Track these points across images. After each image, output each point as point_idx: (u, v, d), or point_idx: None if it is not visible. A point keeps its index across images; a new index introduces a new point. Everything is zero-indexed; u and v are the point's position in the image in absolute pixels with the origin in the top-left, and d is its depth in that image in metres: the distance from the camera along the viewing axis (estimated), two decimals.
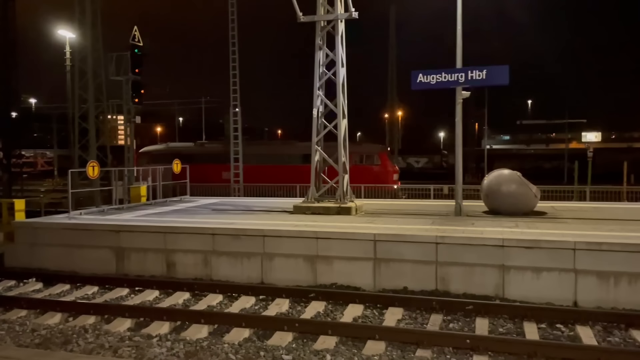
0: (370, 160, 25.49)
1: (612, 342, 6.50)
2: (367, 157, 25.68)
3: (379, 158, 25.93)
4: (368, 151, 26.16)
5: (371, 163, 25.33)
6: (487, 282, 8.34)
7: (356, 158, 25.12)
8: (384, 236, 8.97)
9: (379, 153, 26.33)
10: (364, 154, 25.84)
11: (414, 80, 11.45)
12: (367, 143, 35.63)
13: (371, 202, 14.90)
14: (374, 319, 7.47)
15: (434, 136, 73.62)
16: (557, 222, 10.34)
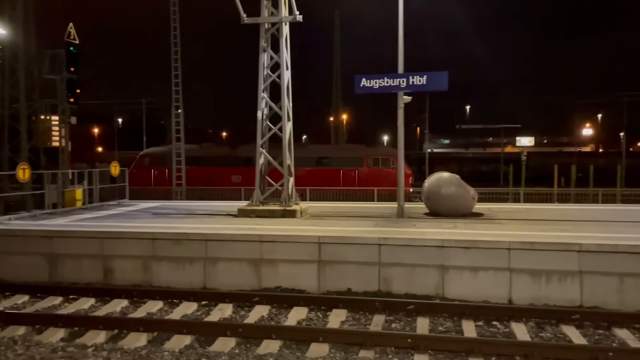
0: (386, 163, 25.17)
1: (544, 337, 6.81)
2: (383, 160, 25.33)
3: (395, 161, 25.14)
4: (384, 154, 25.98)
5: (387, 166, 25.00)
6: (427, 282, 8.55)
7: (374, 162, 25.32)
8: (329, 238, 9.02)
9: (394, 156, 26.52)
10: (380, 157, 25.61)
11: (357, 84, 11.61)
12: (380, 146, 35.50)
13: (316, 205, 14.95)
14: (318, 322, 7.48)
15: (378, 140, 74.93)
16: (493, 223, 10.75)
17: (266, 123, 12.33)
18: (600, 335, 6.81)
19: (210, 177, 24.61)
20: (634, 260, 7.84)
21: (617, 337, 6.72)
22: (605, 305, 7.82)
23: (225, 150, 26.91)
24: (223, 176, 24.56)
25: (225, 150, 26.98)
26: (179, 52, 22.62)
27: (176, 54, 22.62)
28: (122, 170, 15.89)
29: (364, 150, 26.62)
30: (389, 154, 26.02)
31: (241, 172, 25.00)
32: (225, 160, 25.69)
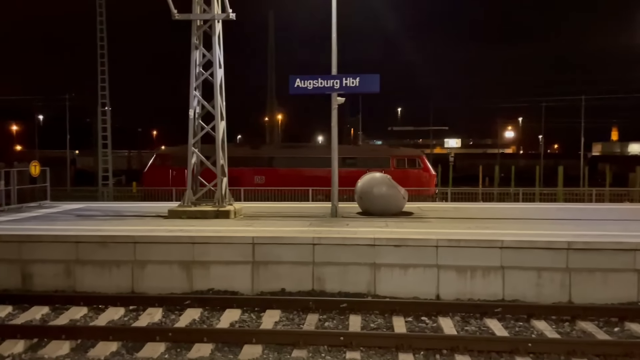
0: (412, 164, 25.17)
1: (469, 330, 7.11)
2: (409, 161, 25.30)
3: (421, 162, 25.65)
4: (410, 155, 25.92)
5: (414, 167, 25.04)
6: (360, 280, 8.70)
7: (400, 162, 25.27)
8: (263, 239, 8.97)
9: (420, 157, 26.05)
10: (406, 157, 25.51)
11: (291, 84, 11.63)
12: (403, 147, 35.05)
13: (250, 205, 14.83)
14: (251, 323, 7.41)
15: (313, 140, 75.46)
16: (422, 222, 11.11)
17: (199, 122, 12.08)
18: (520, 327, 7.20)
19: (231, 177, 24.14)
20: (550, 255, 8.36)
21: (536, 328, 7.14)
22: (524, 298, 8.29)
23: (246, 150, 26.41)
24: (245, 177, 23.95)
25: (246, 150, 26.44)
26: (105, 47, 21.70)
27: (102, 49, 21.67)
28: (42, 170, 14.98)
29: (390, 151, 26.95)
30: (415, 154, 26.26)
31: (264, 172, 24.68)
32: (247, 161, 25.09)
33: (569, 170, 34.83)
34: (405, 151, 28.16)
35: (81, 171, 43.63)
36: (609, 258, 8.26)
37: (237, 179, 23.51)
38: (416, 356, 6.20)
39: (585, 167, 36.23)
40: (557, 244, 8.39)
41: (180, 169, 24.83)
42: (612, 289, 8.19)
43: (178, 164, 24.85)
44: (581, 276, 8.27)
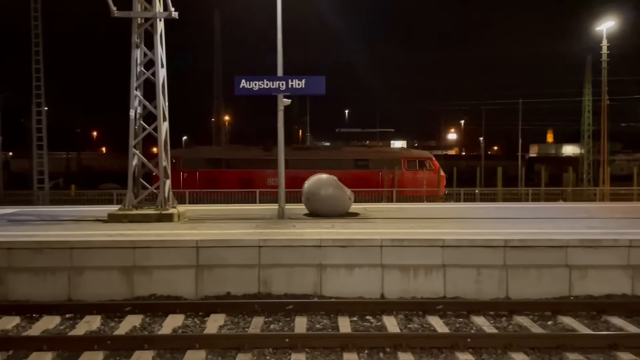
0: (423, 165, 25.48)
1: (411, 328, 7.26)
2: (420, 162, 25.62)
3: (431, 163, 25.92)
4: (421, 156, 26.23)
5: (424, 168, 25.36)
6: (306, 282, 8.71)
7: (411, 164, 25.56)
8: (207, 242, 8.82)
9: (431, 159, 26.33)
10: (417, 159, 25.84)
11: (237, 85, 11.51)
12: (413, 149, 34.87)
13: (195, 208, 14.57)
14: (195, 328, 7.27)
15: (261, 142, 74.96)
16: (368, 222, 11.27)
17: (140, 122, 11.74)
18: (460, 323, 7.42)
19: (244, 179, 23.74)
20: (488, 253, 8.67)
21: (475, 324, 7.37)
22: (465, 295, 8.56)
23: (258, 152, 26.04)
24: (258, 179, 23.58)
25: (257, 152, 26.08)
26: (40, 43, 20.71)
27: (37, 46, 20.68)
28: None
29: (401, 153, 27.49)
30: (425, 156, 26.69)
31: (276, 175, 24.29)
32: (259, 163, 24.76)
33: (508, 170, 36.30)
34: (416, 153, 28.78)
35: (15, 174, 41.48)
36: (543, 254, 8.66)
37: (250, 181, 23.74)
38: (360, 355, 6.27)
39: (522, 168, 37.91)
40: (495, 242, 8.72)
41: (191, 171, 25.12)
42: (546, 284, 8.60)
43: (189, 166, 24.93)
44: (517, 272, 8.63)
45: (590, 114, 40.07)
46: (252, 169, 24.87)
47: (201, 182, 23.99)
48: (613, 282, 8.62)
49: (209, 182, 23.57)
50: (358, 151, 29.04)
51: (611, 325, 7.31)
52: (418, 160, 26.06)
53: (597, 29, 28.10)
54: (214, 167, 25.27)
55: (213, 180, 23.92)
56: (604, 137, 28.74)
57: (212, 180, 23.89)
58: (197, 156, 26.35)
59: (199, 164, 25.04)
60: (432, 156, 27.93)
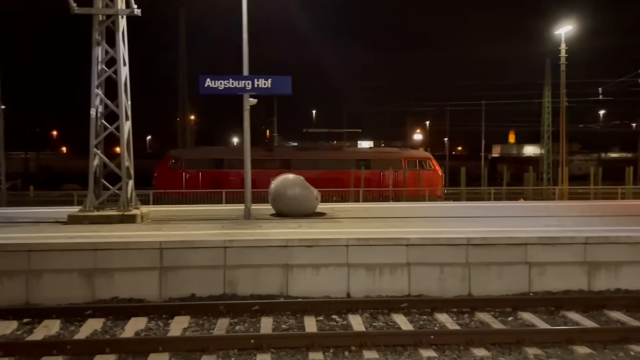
0: (423, 165, 26.08)
1: (377, 326, 7.33)
2: (420, 163, 26.23)
3: (431, 163, 26.54)
4: (421, 157, 26.91)
5: (424, 168, 25.96)
6: (272, 282, 8.69)
7: (411, 164, 26.09)
8: (171, 243, 8.69)
9: (430, 159, 26.99)
10: (417, 159, 26.43)
11: (201, 84, 11.38)
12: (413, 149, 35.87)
13: (159, 209, 14.34)
14: (158, 331, 7.15)
15: (228, 141, 74.37)
16: (334, 222, 11.32)
17: (101, 122, 11.47)
18: (424, 321, 7.53)
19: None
20: (451, 251, 8.83)
21: (438, 321, 7.50)
22: (428, 293, 8.69)
23: (261, 152, 26.27)
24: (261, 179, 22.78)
25: (260, 152, 26.21)
26: None
27: None
28: None
29: (402, 153, 27.78)
30: (425, 157, 27.47)
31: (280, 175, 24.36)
32: (261, 163, 24.83)
33: (472, 170, 37.11)
34: (416, 153, 29.62)
35: None
36: (504, 252, 8.88)
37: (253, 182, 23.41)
38: (326, 354, 6.29)
39: (485, 168, 38.77)
40: (458, 240, 8.89)
41: (194, 171, 25.06)
42: (507, 281, 8.81)
43: (191, 166, 24.81)
44: (479, 270, 8.82)
45: (549, 116, 41.31)
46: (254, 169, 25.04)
47: (204, 183, 24.00)
48: (570, 278, 8.90)
49: (212, 183, 23.72)
50: (360, 151, 29.78)
51: (568, 320, 7.56)
52: (418, 161, 26.82)
53: (556, 32, 29.00)
54: (217, 167, 25.45)
55: (216, 180, 23.95)
56: (562, 138, 29.66)
57: (215, 181, 23.98)
58: (200, 156, 26.39)
59: (201, 165, 25.13)
60: (431, 156, 28.85)
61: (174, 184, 23.22)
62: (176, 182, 23.82)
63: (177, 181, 23.98)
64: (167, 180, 23.23)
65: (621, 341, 6.59)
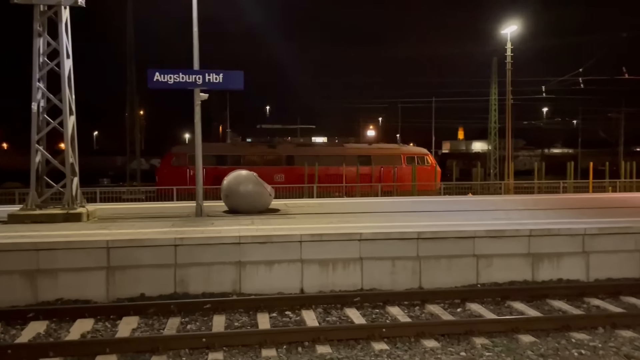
0: (422, 161, 26.85)
1: (330, 321, 7.37)
2: (419, 158, 26.96)
3: (428, 159, 27.33)
4: (419, 153, 27.60)
5: (422, 164, 26.69)
6: (225, 280, 8.58)
7: (410, 160, 26.72)
8: (119, 242, 8.43)
9: (428, 155, 27.80)
10: (415, 155, 27.10)
11: (150, 78, 11.07)
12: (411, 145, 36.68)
13: (107, 207, 13.89)
14: (105, 332, 6.93)
15: (180, 137, 72.87)
16: (288, 218, 11.29)
17: (44, 117, 10.97)
18: (376, 314, 7.64)
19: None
20: (403, 245, 8.99)
21: (390, 314, 7.63)
22: (381, 286, 8.82)
23: (264, 148, 26.68)
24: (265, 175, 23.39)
25: (263, 148, 26.68)
26: None
27: None
28: None
29: (400, 150, 28.49)
30: (423, 153, 28.13)
31: (283, 171, 24.87)
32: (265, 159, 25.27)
33: None
34: (414, 149, 30.20)
35: None
36: (453, 245, 9.12)
37: None
38: (279, 350, 6.27)
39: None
40: (409, 234, 9.06)
41: None
42: (456, 273, 9.06)
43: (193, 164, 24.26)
44: (429, 263, 9.02)
45: (496, 113, 42.67)
46: (258, 166, 25.17)
47: (208, 179, 24.09)
48: (515, 270, 9.25)
49: (216, 179, 23.68)
50: (360, 148, 30.22)
51: (514, 310, 7.84)
52: (416, 157, 27.70)
53: (502, 32, 29.95)
54: (221, 164, 25.40)
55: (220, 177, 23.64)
56: (508, 134, 30.71)
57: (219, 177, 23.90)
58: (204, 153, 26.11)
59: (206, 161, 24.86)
60: (428, 152, 29.86)
61: (177, 180, 22.84)
62: (179, 178, 23.46)
63: (180, 178, 23.61)
64: (171, 177, 22.88)
65: (563, 329, 6.90)
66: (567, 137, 68.15)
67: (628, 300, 8.24)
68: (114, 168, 45.23)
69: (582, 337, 6.69)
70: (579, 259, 9.42)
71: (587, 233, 9.48)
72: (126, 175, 36.43)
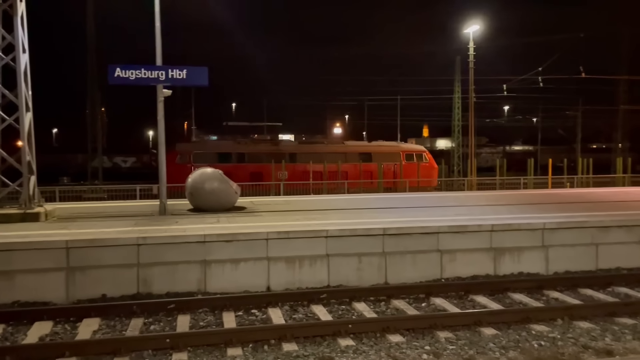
0: (420, 158, 27.69)
1: (296, 318, 7.36)
2: (417, 156, 27.83)
3: (427, 156, 28.24)
4: (417, 150, 28.49)
5: (421, 161, 27.59)
6: (190, 279, 8.46)
7: (409, 157, 27.72)
8: (79, 242, 8.21)
9: (426, 152, 28.67)
10: (414, 152, 28.02)
11: (110, 74, 10.79)
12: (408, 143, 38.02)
13: (67, 206, 13.49)
14: (65, 335, 6.74)
15: (143, 134, 71.41)
16: (254, 216, 11.22)
17: None
18: (343, 310, 7.67)
19: (255, 173, 24.68)
20: (369, 241, 9.06)
21: (356, 310, 7.67)
22: (347, 283, 8.86)
23: (268, 146, 27.12)
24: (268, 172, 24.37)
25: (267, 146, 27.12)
26: None
27: None
28: None
29: (400, 147, 29.44)
30: (421, 150, 29.14)
31: (287, 168, 25.12)
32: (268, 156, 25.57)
33: None
34: (413, 147, 31.54)
35: None
36: (417, 241, 9.24)
37: (261, 175, 24.80)
38: (245, 349, 6.23)
39: None
40: (375, 230, 9.13)
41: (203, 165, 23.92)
42: (420, 269, 9.18)
43: (200, 160, 24.89)
44: (395, 259, 9.11)
45: (459, 111, 43.48)
46: (262, 163, 25.79)
47: None
48: (478, 264, 9.44)
49: None
50: (362, 145, 31.07)
51: (476, 303, 8.01)
52: (415, 154, 28.61)
53: (465, 31, 30.50)
54: (225, 161, 25.69)
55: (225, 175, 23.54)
56: (471, 132, 31.33)
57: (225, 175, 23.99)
58: (208, 151, 26.91)
59: (210, 159, 25.35)
60: (426, 150, 30.84)
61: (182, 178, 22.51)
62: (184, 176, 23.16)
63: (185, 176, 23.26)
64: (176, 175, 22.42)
65: (523, 321, 7.08)
66: (528, 134, 69.99)
67: (585, 292, 8.53)
68: (75, 166, 44.04)
69: (542, 328, 6.88)
70: (538, 252, 9.69)
71: (546, 228, 9.76)
72: (87, 174, 35.50)
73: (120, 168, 50.73)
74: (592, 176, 29.10)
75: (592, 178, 28.95)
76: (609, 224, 10.02)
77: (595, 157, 31.93)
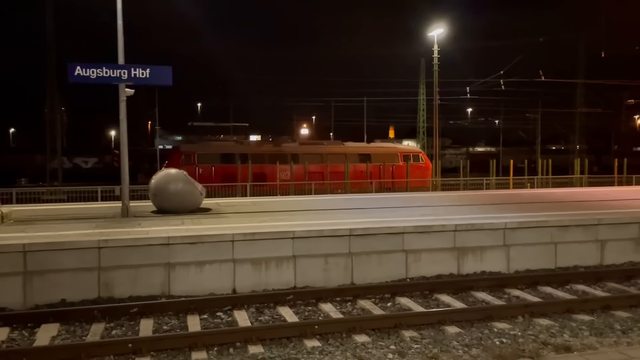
0: (416, 159, 28.53)
1: (262, 320, 7.31)
2: (414, 156, 28.64)
3: (422, 157, 29.07)
4: (414, 151, 29.43)
5: (417, 161, 28.40)
6: (153, 282, 8.30)
7: (406, 157, 28.42)
8: (37, 245, 7.94)
9: (422, 153, 29.52)
10: (411, 153, 28.86)
11: (71, 73, 10.49)
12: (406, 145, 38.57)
13: (24, 208, 13.04)
14: (22, 341, 6.50)
15: (105, 135, 69.74)
16: (220, 217, 11.09)
17: None
18: (309, 312, 7.66)
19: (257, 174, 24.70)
20: (335, 242, 9.08)
21: (323, 310, 7.67)
22: (314, 284, 8.86)
23: (270, 147, 27.51)
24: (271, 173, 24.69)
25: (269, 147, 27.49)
26: None
27: None
28: None
29: (397, 148, 30.47)
30: (417, 151, 30.11)
31: (289, 169, 25.39)
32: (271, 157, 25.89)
33: None
34: (410, 148, 32.76)
35: None
36: (383, 241, 9.32)
37: (264, 175, 25.19)
38: (210, 352, 6.14)
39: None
40: (341, 231, 9.16)
41: (206, 166, 25.33)
42: (386, 269, 9.26)
43: (204, 161, 25.18)
44: (361, 259, 9.17)
45: (424, 112, 44.13)
46: (264, 164, 26.04)
47: (217, 177, 24.40)
48: (442, 264, 9.59)
49: (225, 177, 23.69)
50: (361, 146, 31.74)
51: (440, 302, 8.13)
52: (412, 155, 29.45)
53: (429, 34, 30.96)
54: (228, 162, 25.90)
55: (228, 175, 24.68)
56: (435, 133, 31.80)
57: (227, 175, 24.39)
58: (211, 151, 26.83)
59: (213, 160, 25.71)
60: (422, 151, 31.87)
61: None
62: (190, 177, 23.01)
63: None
64: None
65: (486, 319, 7.23)
66: (490, 136, 71.64)
67: (544, 290, 8.77)
68: (33, 167, 42.59)
69: (504, 326, 7.04)
70: (500, 251, 9.92)
71: (507, 227, 10.00)
72: (46, 175, 34.40)
73: (81, 169, 49.41)
74: (552, 177, 29.99)
75: (552, 179, 29.83)
76: (567, 224, 10.34)
77: (554, 159, 32.95)
